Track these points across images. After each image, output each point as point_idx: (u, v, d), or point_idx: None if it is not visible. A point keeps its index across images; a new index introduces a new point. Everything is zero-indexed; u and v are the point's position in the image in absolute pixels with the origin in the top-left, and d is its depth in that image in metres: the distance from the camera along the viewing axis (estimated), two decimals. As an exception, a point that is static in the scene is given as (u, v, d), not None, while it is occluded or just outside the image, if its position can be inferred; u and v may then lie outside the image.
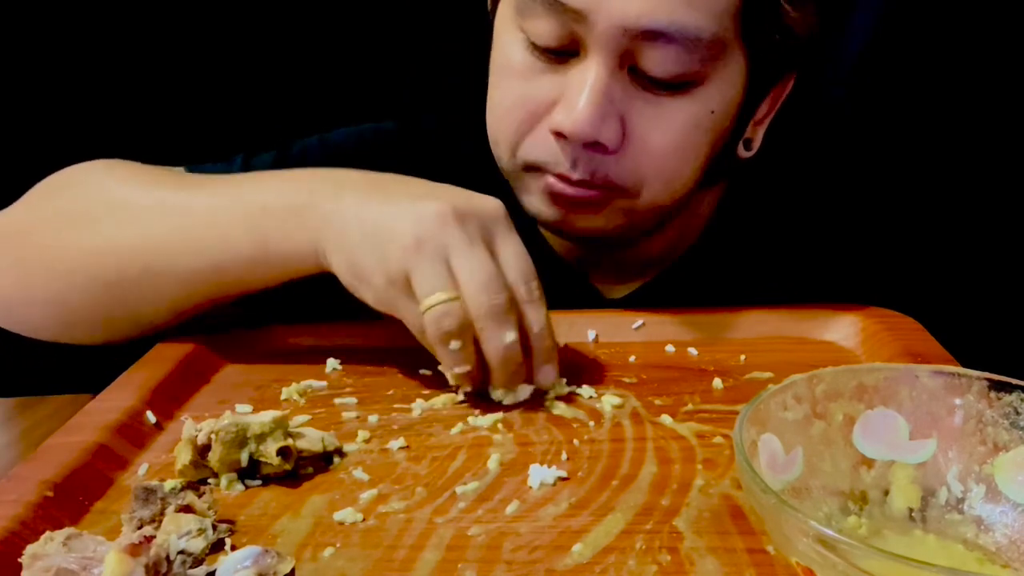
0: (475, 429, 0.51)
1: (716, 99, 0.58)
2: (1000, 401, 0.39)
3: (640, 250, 0.69)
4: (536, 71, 0.58)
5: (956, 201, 0.88)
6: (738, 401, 0.53)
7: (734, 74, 0.58)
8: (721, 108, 0.59)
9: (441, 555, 0.39)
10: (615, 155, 0.58)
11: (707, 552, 0.39)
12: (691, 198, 0.65)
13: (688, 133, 0.58)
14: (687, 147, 0.59)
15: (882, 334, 0.59)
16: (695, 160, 0.60)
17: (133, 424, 0.51)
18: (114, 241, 0.58)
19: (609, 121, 0.56)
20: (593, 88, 0.55)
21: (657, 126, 0.57)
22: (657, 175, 0.59)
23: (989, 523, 0.38)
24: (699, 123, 0.58)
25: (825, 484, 0.39)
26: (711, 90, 0.57)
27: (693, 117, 0.58)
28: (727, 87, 0.58)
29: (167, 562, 0.37)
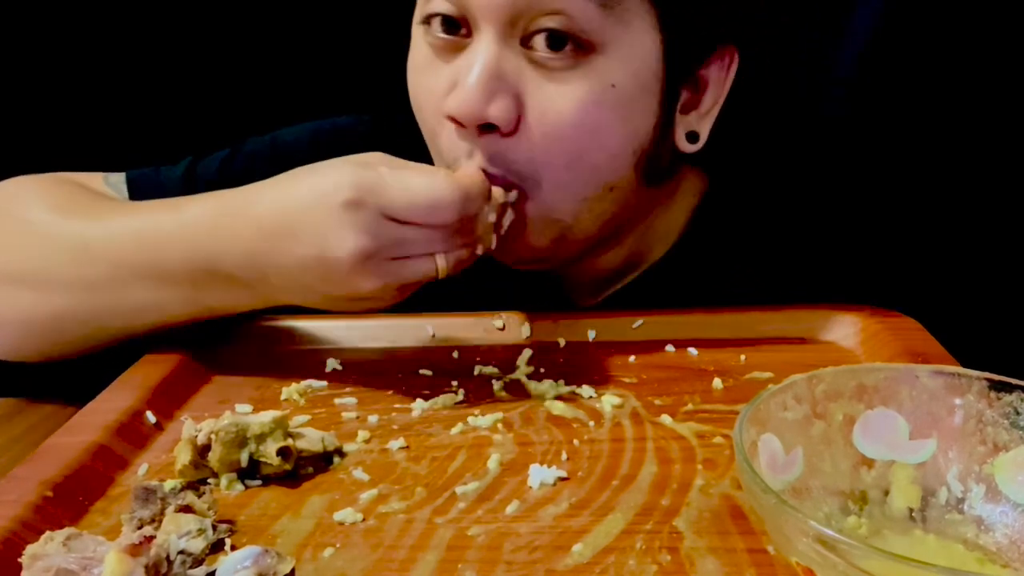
0: (475, 429, 0.51)
1: (617, 71, 0.54)
2: (1000, 401, 0.39)
3: (606, 264, 0.67)
4: (436, 63, 0.57)
5: (956, 201, 0.88)
6: (738, 401, 0.53)
7: (641, 41, 0.55)
8: (627, 82, 0.55)
9: (441, 555, 0.39)
10: (512, 138, 0.55)
11: (707, 552, 0.39)
12: (639, 196, 0.61)
13: (587, 109, 0.54)
14: (587, 125, 0.55)
15: (882, 334, 0.59)
16: (602, 142, 0.56)
17: (133, 424, 0.51)
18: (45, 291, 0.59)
19: (499, 99, 0.54)
20: (481, 64, 0.53)
21: (552, 103, 0.54)
22: (555, 159, 0.55)
23: (989, 523, 0.38)
24: (599, 99, 0.54)
25: (825, 484, 0.39)
26: (613, 60, 0.54)
27: (590, 92, 0.54)
28: (634, 55, 0.55)
29: (167, 562, 0.37)
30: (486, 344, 0.63)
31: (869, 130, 0.92)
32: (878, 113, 0.92)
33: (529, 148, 0.55)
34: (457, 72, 0.55)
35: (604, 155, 0.57)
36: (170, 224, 0.56)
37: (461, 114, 0.54)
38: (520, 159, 0.55)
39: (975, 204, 0.89)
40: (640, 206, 0.63)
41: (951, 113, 0.91)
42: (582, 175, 0.57)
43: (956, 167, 0.90)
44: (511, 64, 0.54)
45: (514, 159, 0.55)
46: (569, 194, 0.57)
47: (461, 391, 0.55)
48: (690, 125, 0.61)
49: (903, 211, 0.77)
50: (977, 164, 0.91)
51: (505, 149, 0.55)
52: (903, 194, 0.80)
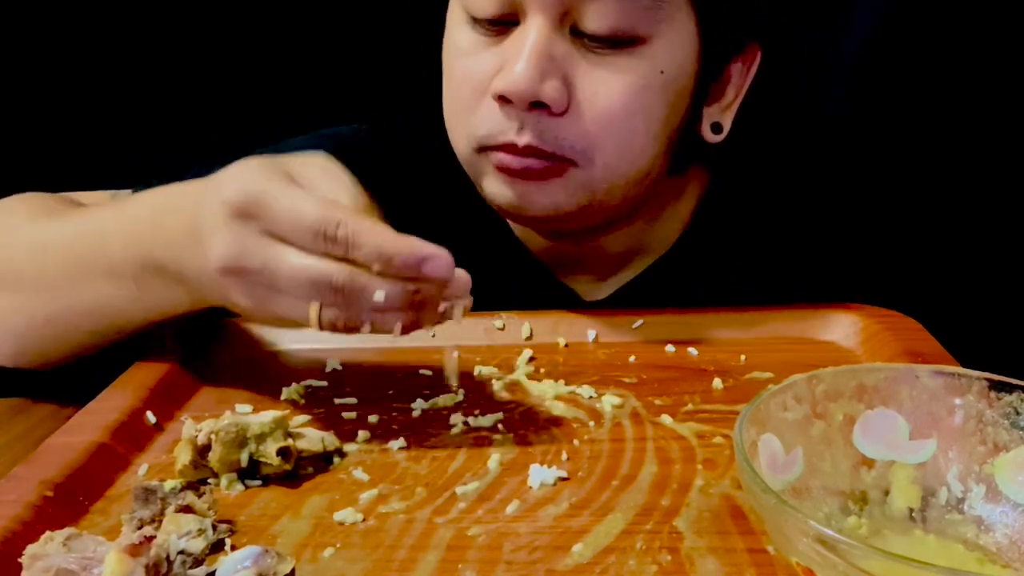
0: (475, 429, 0.51)
1: (664, 59, 0.57)
2: (1000, 401, 0.39)
3: (612, 246, 0.68)
4: (480, 46, 0.58)
5: (956, 201, 0.88)
6: (738, 401, 0.53)
7: (683, 36, 0.57)
8: (671, 70, 0.57)
9: (441, 555, 0.39)
10: (561, 117, 0.56)
11: (707, 552, 0.39)
12: (659, 183, 0.63)
13: (637, 93, 0.57)
14: (637, 108, 0.57)
15: (882, 334, 0.59)
16: (648, 125, 0.58)
17: (133, 424, 0.50)
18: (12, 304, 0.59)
19: (550, 79, 0.55)
20: (532, 47, 0.54)
21: (603, 85, 0.56)
22: (608, 138, 0.57)
23: (989, 523, 0.38)
24: (648, 83, 0.57)
25: (825, 484, 0.39)
26: (657, 49, 0.56)
27: (641, 76, 0.56)
28: (676, 49, 0.57)
29: (167, 562, 0.37)
30: (486, 344, 0.63)
31: (869, 129, 0.92)
32: (878, 112, 0.92)
33: (582, 128, 0.57)
34: (505, 53, 0.56)
35: (649, 138, 0.59)
36: (113, 221, 0.56)
37: (514, 92, 0.55)
38: (573, 138, 0.57)
39: (975, 204, 0.89)
40: (655, 192, 0.65)
41: (951, 113, 0.91)
42: (630, 155, 0.59)
43: (956, 167, 0.90)
44: (560, 47, 0.56)
45: (566, 137, 0.57)
46: (616, 173, 0.59)
47: (461, 391, 0.55)
48: (713, 117, 0.64)
49: (903, 211, 0.77)
50: (977, 164, 0.91)
51: (556, 127, 0.57)
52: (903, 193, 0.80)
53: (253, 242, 0.45)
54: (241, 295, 0.47)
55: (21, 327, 0.60)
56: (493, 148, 0.58)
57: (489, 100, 0.57)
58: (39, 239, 0.59)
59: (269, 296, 0.46)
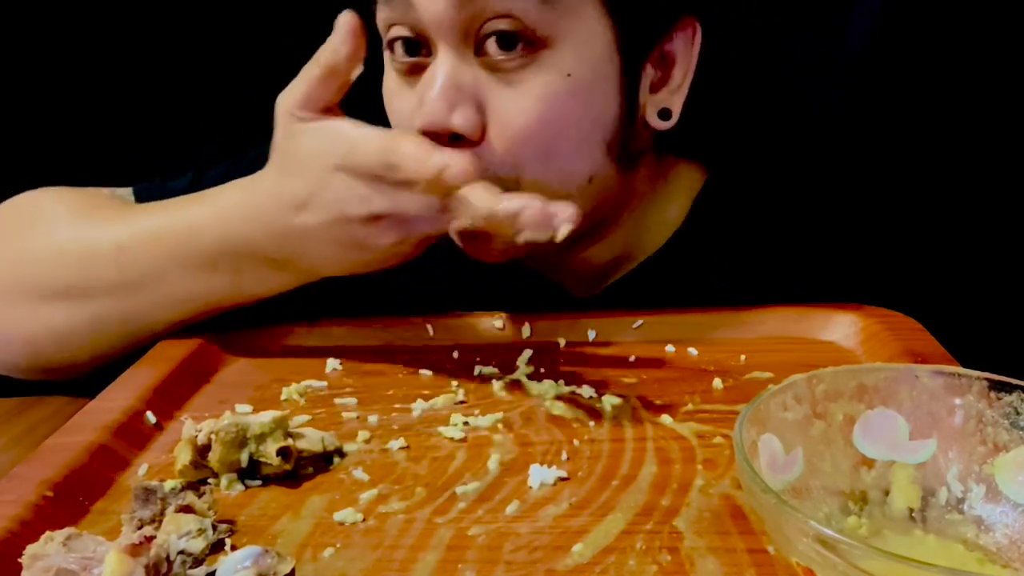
0: (475, 429, 0.51)
1: (571, 61, 0.56)
2: (1000, 401, 0.39)
3: (599, 255, 0.68)
4: (403, 87, 0.59)
5: (956, 201, 0.88)
6: (738, 401, 0.53)
7: (591, 31, 0.56)
8: (581, 69, 0.56)
9: (441, 555, 0.39)
10: (482, 145, 0.56)
11: (707, 552, 0.39)
12: (621, 187, 0.62)
13: (547, 104, 0.56)
14: (550, 119, 0.56)
15: (882, 334, 0.59)
16: (570, 132, 0.57)
17: (133, 424, 0.51)
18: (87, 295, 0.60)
19: (461, 108, 0.55)
20: (439, 78, 0.55)
21: (514, 103, 0.56)
22: (530, 155, 0.56)
23: (989, 523, 0.38)
24: (556, 92, 0.56)
25: (825, 484, 0.39)
26: (563, 52, 0.55)
27: (546, 85, 0.55)
28: (584, 47, 0.56)
29: (167, 562, 0.37)
30: (486, 344, 0.63)
31: (869, 128, 0.92)
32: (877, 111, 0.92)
33: (500, 152, 0.56)
34: (422, 90, 0.56)
35: (572, 146, 0.58)
36: (205, 214, 0.58)
37: (427, 126, 0.55)
38: (495, 163, 0.56)
39: (975, 203, 0.89)
40: (623, 195, 0.64)
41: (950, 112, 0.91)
42: (557, 168, 0.58)
43: (956, 166, 0.90)
44: (469, 75, 0.56)
45: (491, 162, 0.56)
46: (550, 186, 0.57)
47: (461, 391, 0.55)
48: (662, 103, 0.62)
49: (903, 210, 0.77)
50: (977, 163, 0.91)
51: (480, 155, 0.56)
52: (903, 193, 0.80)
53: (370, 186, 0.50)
54: (390, 233, 0.52)
55: (87, 331, 0.61)
56: None
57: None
58: (110, 242, 0.60)
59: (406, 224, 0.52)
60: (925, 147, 0.91)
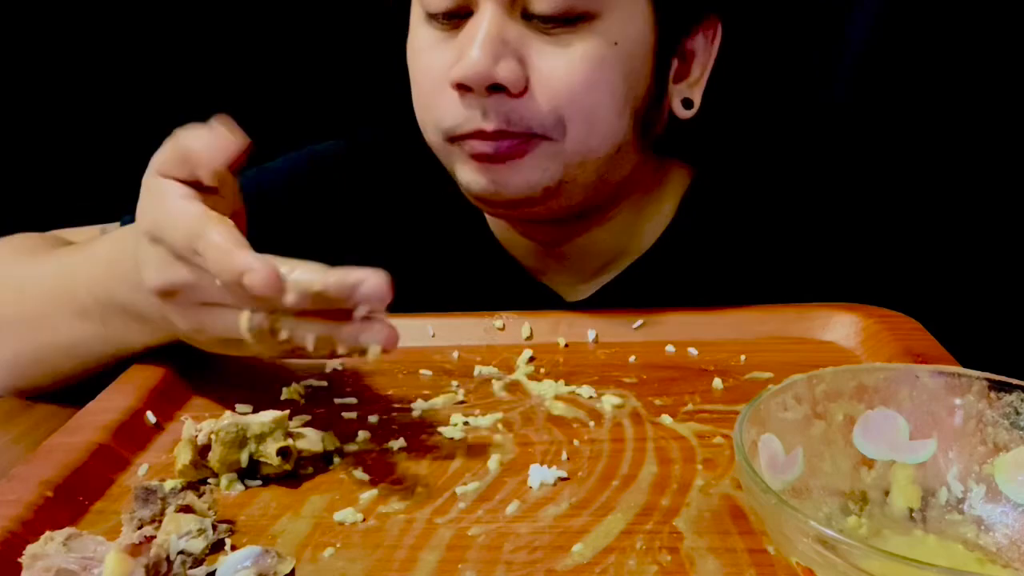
0: (475, 429, 0.51)
1: (617, 32, 0.57)
2: (1000, 401, 0.39)
3: (595, 244, 0.68)
4: (437, 42, 0.59)
5: (956, 200, 0.88)
6: (738, 401, 0.53)
7: (635, 9, 0.58)
8: (626, 42, 0.58)
9: (441, 555, 0.39)
10: (522, 97, 0.57)
11: (707, 552, 0.39)
12: (637, 166, 0.64)
13: (593, 67, 0.57)
14: (596, 82, 0.57)
15: (882, 334, 0.59)
16: (611, 98, 0.59)
17: (133, 424, 0.50)
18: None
19: (504, 61, 0.56)
20: (484, 33, 0.55)
21: (559, 61, 0.57)
22: (574, 112, 0.58)
23: (989, 523, 0.38)
24: (603, 57, 0.57)
25: (825, 484, 0.39)
26: (610, 22, 0.57)
27: (594, 49, 0.57)
28: (628, 20, 0.58)
29: (167, 562, 0.37)
30: (486, 344, 0.63)
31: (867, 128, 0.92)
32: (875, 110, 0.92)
33: (546, 104, 0.57)
34: (460, 44, 0.57)
35: (613, 111, 0.59)
36: (79, 263, 0.58)
37: (469, 77, 0.55)
38: (538, 116, 0.57)
39: (975, 203, 0.89)
40: (632, 178, 0.65)
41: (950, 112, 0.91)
42: (598, 129, 0.59)
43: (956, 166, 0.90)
44: (512, 31, 0.56)
45: (534, 116, 0.57)
46: (587, 146, 0.59)
47: (461, 391, 0.55)
48: (683, 93, 0.64)
49: (903, 210, 0.77)
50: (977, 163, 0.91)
51: (520, 107, 0.57)
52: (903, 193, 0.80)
53: (168, 262, 0.46)
54: (179, 318, 0.48)
55: (10, 362, 0.62)
56: (463, 137, 0.59)
57: (450, 91, 0.58)
58: (18, 279, 0.62)
59: (203, 313, 0.47)
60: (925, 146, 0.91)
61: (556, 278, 0.71)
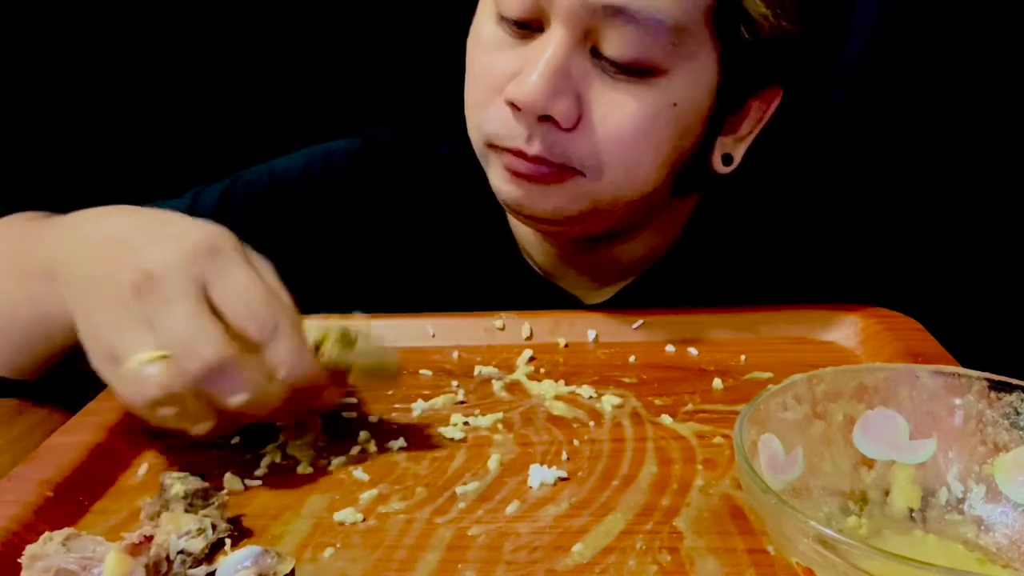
0: (475, 429, 0.51)
1: (679, 93, 0.57)
2: (1000, 401, 0.39)
3: (613, 256, 0.68)
4: (503, 45, 0.58)
5: (956, 201, 0.88)
6: (738, 401, 0.53)
7: (702, 72, 0.57)
8: (685, 104, 0.57)
9: (441, 555, 0.39)
10: (571, 133, 0.56)
11: (707, 552, 0.39)
12: (663, 204, 0.64)
13: (648, 121, 0.56)
14: (646, 136, 0.57)
15: (882, 334, 0.59)
16: (655, 153, 0.58)
17: (133, 424, 0.50)
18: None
19: (562, 96, 0.55)
20: (548, 61, 0.54)
21: (615, 108, 0.56)
22: (616, 160, 0.57)
23: (989, 523, 0.38)
24: (659, 113, 0.57)
25: (825, 484, 0.39)
26: (674, 83, 0.56)
27: (652, 106, 0.56)
28: (692, 84, 0.57)
29: (167, 562, 0.37)
30: (486, 344, 0.63)
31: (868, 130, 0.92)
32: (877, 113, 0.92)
33: (591, 145, 0.57)
34: (524, 59, 0.56)
35: (654, 167, 0.59)
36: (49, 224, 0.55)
37: (523, 103, 0.55)
38: (579, 153, 0.57)
39: (975, 204, 0.89)
40: (657, 205, 0.65)
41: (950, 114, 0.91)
42: (635, 178, 0.59)
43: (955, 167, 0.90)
44: (578, 64, 0.55)
45: (576, 152, 0.57)
46: (620, 191, 0.59)
47: (461, 391, 0.55)
48: (726, 148, 0.63)
49: (903, 210, 0.77)
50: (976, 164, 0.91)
51: (565, 141, 0.57)
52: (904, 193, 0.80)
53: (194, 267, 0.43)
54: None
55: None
56: (502, 149, 0.58)
57: (502, 101, 0.57)
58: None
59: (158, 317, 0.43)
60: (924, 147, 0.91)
61: (574, 283, 0.71)
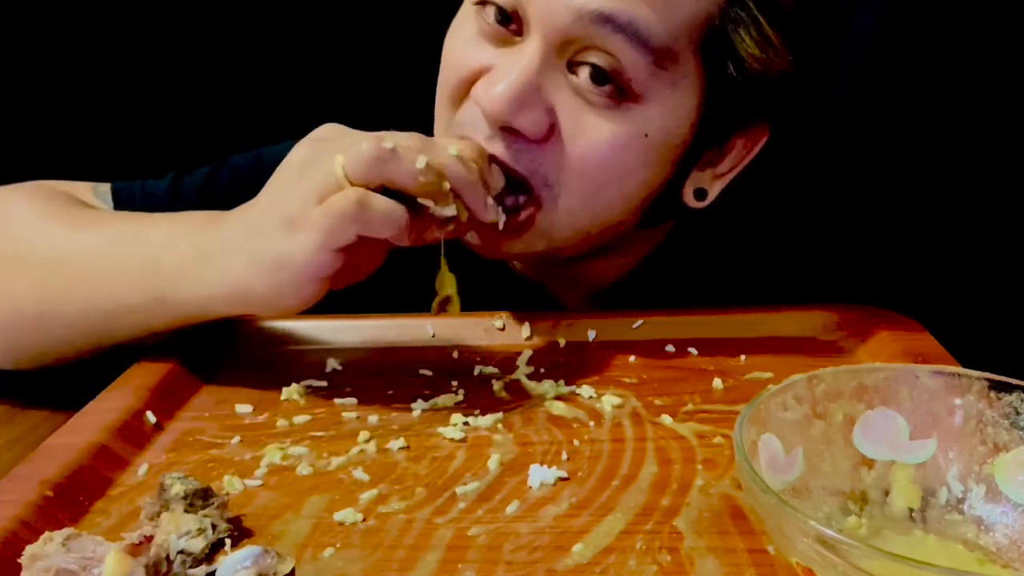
0: (475, 429, 0.51)
1: (653, 123, 0.55)
2: (1000, 401, 0.39)
3: (590, 272, 0.68)
4: (479, 39, 0.57)
5: (957, 201, 0.88)
6: (738, 401, 0.53)
7: (681, 103, 0.55)
8: (658, 135, 0.55)
9: (441, 555, 0.39)
10: (537, 146, 0.55)
11: (707, 552, 0.39)
12: (630, 233, 0.62)
13: (615, 150, 0.55)
14: (612, 164, 0.55)
15: (882, 334, 0.59)
16: (620, 183, 0.56)
17: (133, 424, 0.50)
18: (9, 288, 0.58)
19: (530, 109, 0.53)
20: (521, 70, 0.53)
21: (583, 131, 0.54)
22: (577, 183, 0.56)
23: (989, 523, 0.38)
24: (628, 143, 0.55)
25: (825, 484, 0.39)
26: (650, 112, 0.54)
27: (623, 134, 0.54)
28: (669, 115, 0.55)
29: (167, 562, 0.37)
30: (486, 344, 0.63)
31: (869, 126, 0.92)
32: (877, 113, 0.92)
33: (557, 162, 0.55)
34: (498, 60, 0.55)
35: (619, 197, 0.57)
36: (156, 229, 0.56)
37: (486, 109, 0.54)
38: (547, 168, 0.56)
39: (975, 204, 0.89)
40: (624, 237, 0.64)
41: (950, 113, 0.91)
42: (595, 206, 0.57)
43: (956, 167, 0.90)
44: (551, 80, 0.54)
45: (542, 165, 0.55)
46: (578, 220, 0.58)
47: (461, 391, 0.55)
48: (701, 182, 0.61)
49: (904, 211, 0.77)
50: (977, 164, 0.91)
51: (528, 150, 0.55)
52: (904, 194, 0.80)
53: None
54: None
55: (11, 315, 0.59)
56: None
57: (471, 99, 0.56)
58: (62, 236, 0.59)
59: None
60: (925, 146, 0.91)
61: (555, 288, 0.71)
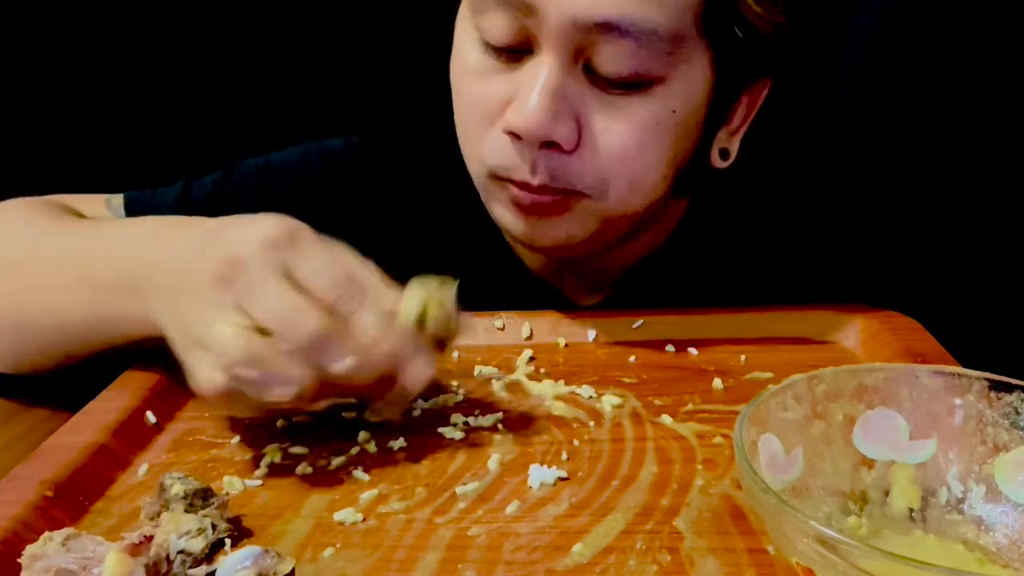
0: (475, 429, 0.51)
1: (678, 98, 0.56)
2: (1000, 401, 0.39)
3: (608, 260, 0.68)
4: (490, 71, 0.56)
5: (957, 201, 0.88)
6: (738, 401, 0.53)
7: (697, 74, 0.56)
8: (684, 108, 0.56)
9: (441, 555, 0.39)
10: (573, 155, 0.55)
11: (707, 552, 0.39)
12: (662, 207, 0.63)
13: (648, 132, 0.56)
14: (648, 147, 0.56)
15: (882, 334, 0.59)
16: (660, 161, 0.58)
17: (133, 424, 0.51)
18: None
19: (562, 119, 0.54)
20: (545, 85, 0.53)
21: (615, 125, 0.55)
22: (621, 175, 0.57)
23: (989, 523, 0.38)
24: (660, 122, 0.56)
25: (825, 484, 0.39)
26: (672, 89, 0.55)
27: (652, 116, 0.55)
28: (690, 87, 0.56)
29: (167, 562, 0.37)
30: (486, 344, 0.63)
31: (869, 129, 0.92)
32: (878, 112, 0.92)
33: (594, 164, 0.56)
34: (517, 85, 0.55)
35: (659, 175, 0.58)
36: (109, 231, 0.56)
37: (525, 132, 0.54)
38: (583, 175, 0.56)
39: (975, 204, 0.89)
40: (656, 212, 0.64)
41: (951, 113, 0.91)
42: (641, 190, 0.58)
43: (956, 166, 0.90)
44: (573, 84, 0.54)
45: (579, 174, 0.56)
46: (628, 205, 0.59)
47: (461, 391, 0.55)
48: (721, 142, 0.63)
49: (904, 210, 0.77)
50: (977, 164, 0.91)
51: (568, 164, 0.56)
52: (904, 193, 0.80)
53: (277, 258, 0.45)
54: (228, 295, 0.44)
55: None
56: (505, 180, 0.57)
57: (499, 130, 0.56)
58: (33, 238, 0.59)
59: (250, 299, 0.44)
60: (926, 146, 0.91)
61: (566, 286, 0.71)
